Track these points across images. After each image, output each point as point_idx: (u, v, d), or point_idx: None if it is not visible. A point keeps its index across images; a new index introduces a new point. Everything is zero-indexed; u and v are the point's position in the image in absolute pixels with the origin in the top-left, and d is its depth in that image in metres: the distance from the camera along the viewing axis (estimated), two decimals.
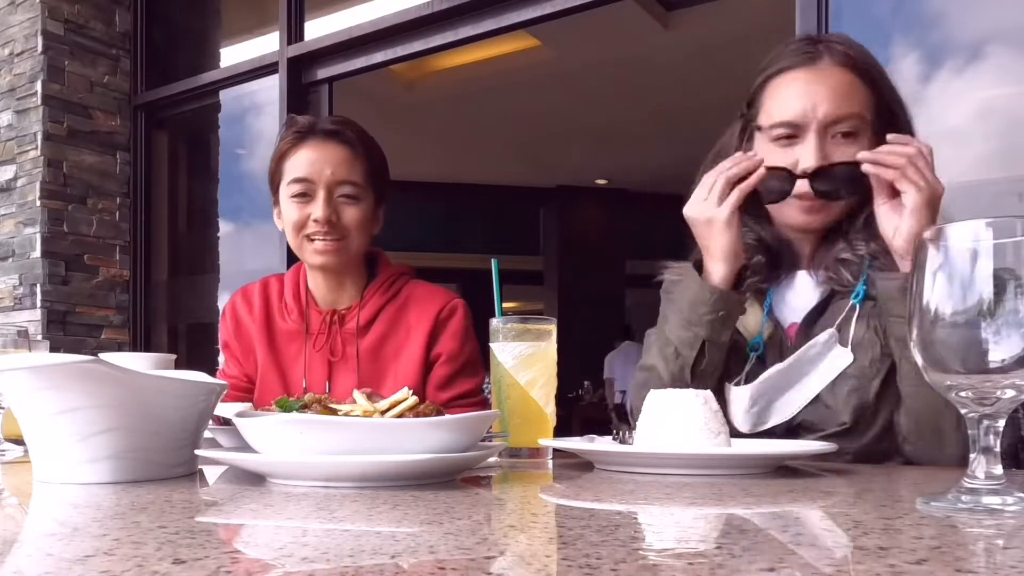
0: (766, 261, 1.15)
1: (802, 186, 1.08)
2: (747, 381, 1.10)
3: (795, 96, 1.09)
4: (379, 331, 1.48)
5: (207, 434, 0.93)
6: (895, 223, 1.00)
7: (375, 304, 1.49)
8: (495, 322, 1.02)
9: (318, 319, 1.49)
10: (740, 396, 1.10)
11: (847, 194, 1.08)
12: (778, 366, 1.07)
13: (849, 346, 1.06)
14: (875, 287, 1.04)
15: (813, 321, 1.11)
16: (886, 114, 1.10)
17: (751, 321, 1.14)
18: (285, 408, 0.79)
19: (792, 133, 1.10)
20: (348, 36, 3.33)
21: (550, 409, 0.99)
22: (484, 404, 1.47)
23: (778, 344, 1.12)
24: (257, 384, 1.50)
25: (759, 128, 1.14)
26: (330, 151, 1.42)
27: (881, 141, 1.04)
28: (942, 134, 2.16)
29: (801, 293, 1.15)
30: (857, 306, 1.07)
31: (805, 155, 1.07)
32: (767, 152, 1.11)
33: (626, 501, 0.62)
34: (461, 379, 1.46)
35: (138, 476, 0.73)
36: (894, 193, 1.01)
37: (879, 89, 1.10)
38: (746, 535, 0.47)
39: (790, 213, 1.12)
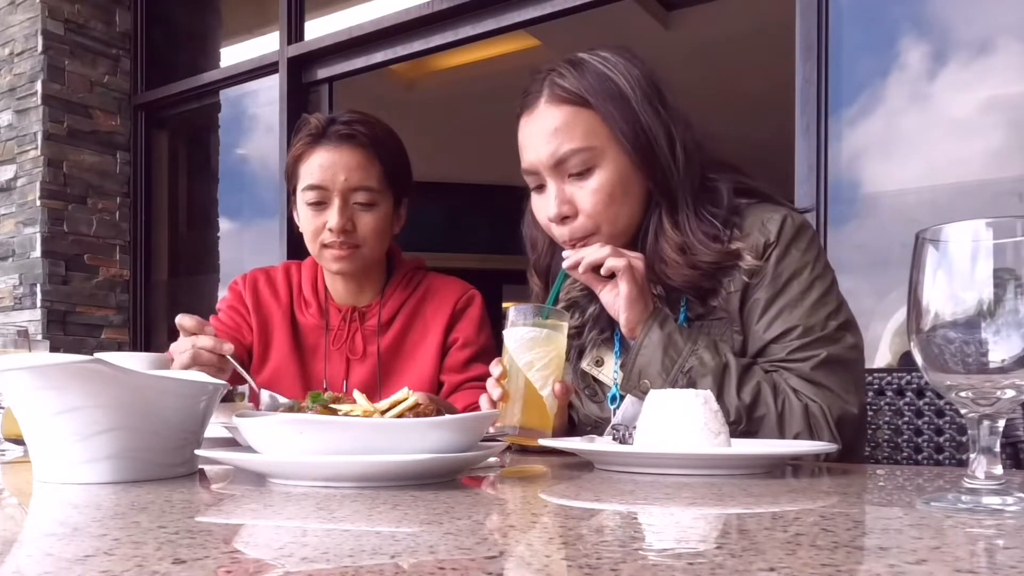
0: (600, 309, 1.14)
1: (560, 235, 1.10)
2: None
3: (524, 146, 1.10)
4: (399, 327, 1.48)
5: (220, 432, 0.93)
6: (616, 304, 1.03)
7: (396, 301, 1.49)
8: (511, 310, 1.02)
9: (337, 316, 1.48)
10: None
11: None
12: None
13: None
14: (699, 308, 1.07)
15: None
16: (631, 134, 1.06)
17: (610, 369, 1.14)
18: (316, 401, 0.79)
19: (536, 182, 1.12)
20: (348, 36, 3.33)
21: (546, 392, 0.98)
22: None
23: None
24: (269, 374, 1.48)
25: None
26: (344, 156, 1.38)
27: (640, 161, 1.05)
28: (943, 134, 2.16)
29: None
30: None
31: (549, 204, 1.08)
32: (535, 199, 1.14)
33: (626, 501, 0.62)
34: (476, 363, 1.46)
35: (138, 476, 0.73)
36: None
37: (609, 111, 1.05)
38: (746, 535, 0.47)
39: None
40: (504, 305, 1.07)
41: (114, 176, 4.00)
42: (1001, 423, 0.55)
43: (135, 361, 0.97)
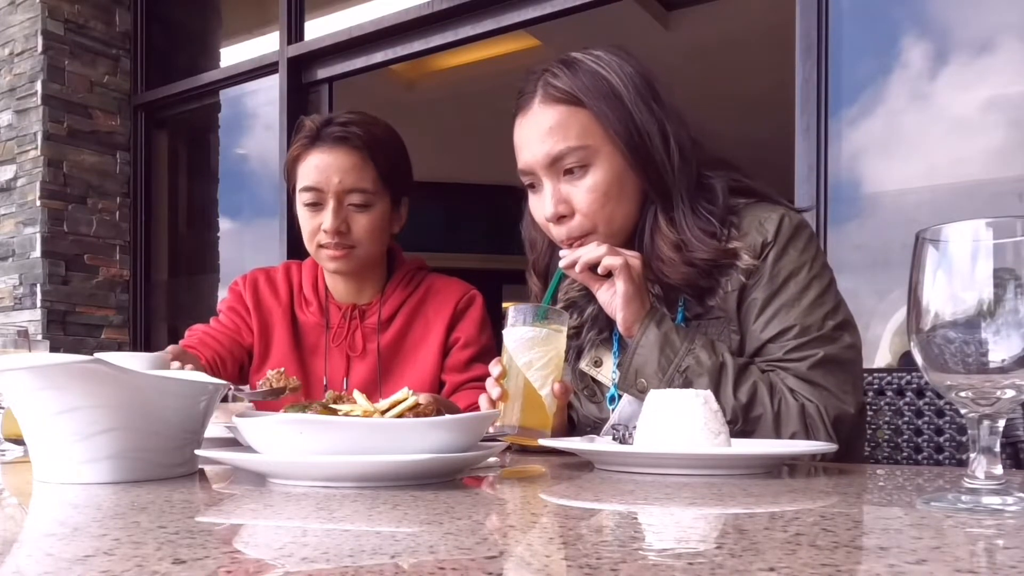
0: (599, 310, 1.13)
1: (557, 235, 1.10)
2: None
3: (519, 146, 1.10)
4: (399, 325, 1.48)
5: (220, 432, 0.93)
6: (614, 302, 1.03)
7: (396, 299, 1.49)
8: (511, 310, 1.02)
9: (337, 314, 1.49)
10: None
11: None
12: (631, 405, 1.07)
13: None
14: (696, 307, 1.06)
15: None
16: (624, 133, 1.05)
17: (608, 369, 1.14)
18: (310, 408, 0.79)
19: (531, 182, 1.11)
20: (348, 36, 3.33)
21: (545, 392, 0.98)
22: None
23: None
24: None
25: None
26: (338, 158, 1.39)
27: (634, 159, 1.05)
28: (943, 134, 2.16)
29: None
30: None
31: (546, 203, 1.08)
32: (532, 199, 1.14)
33: (626, 501, 0.62)
34: (477, 364, 1.46)
35: (138, 476, 0.73)
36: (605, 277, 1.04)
37: (603, 110, 1.05)
38: (746, 535, 0.47)
39: None
40: (504, 305, 1.07)
41: (114, 176, 4.00)
42: (1001, 423, 0.55)
43: (135, 361, 0.97)
